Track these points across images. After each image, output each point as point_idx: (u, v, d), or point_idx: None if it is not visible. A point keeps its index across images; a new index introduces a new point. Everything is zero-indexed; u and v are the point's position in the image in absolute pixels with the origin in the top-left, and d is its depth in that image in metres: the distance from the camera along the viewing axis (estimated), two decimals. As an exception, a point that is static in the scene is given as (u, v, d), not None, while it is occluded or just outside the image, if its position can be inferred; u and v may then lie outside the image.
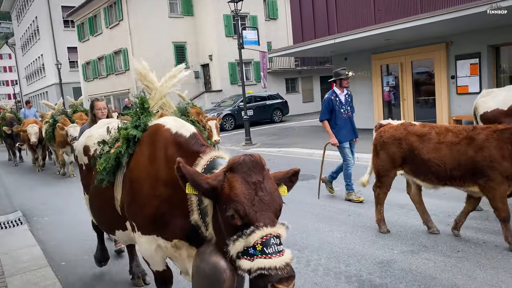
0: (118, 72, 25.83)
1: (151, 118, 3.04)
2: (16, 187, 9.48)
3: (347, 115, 6.54)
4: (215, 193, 2.08)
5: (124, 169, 2.93)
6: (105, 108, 4.71)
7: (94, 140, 3.47)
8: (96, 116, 4.63)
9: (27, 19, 41.61)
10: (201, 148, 2.60)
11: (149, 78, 3.33)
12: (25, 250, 5.08)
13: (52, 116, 10.25)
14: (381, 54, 14.17)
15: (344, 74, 6.49)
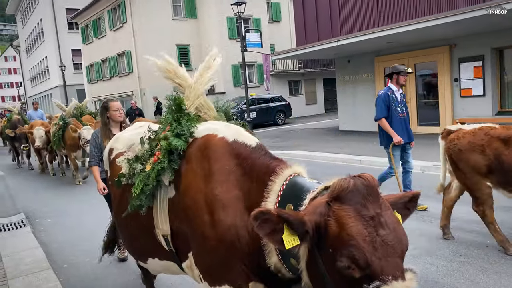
0: (122, 74, 25.92)
1: (195, 124, 2.50)
2: (20, 189, 9.51)
3: (403, 115, 5.89)
4: (315, 233, 1.52)
5: (168, 190, 2.39)
6: (121, 108, 4.39)
7: (120, 143, 3.12)
8: (112, 118, 4.29)
9: (31, 22, 41.85)
10: (273, 162, 2.06)
11: (180, 74, 2.82)
12: (27, 252, 5.09)
13: (62, 118, 9.82)
14: (384, 56, 14.15)
15: (402, 69, 5.84)
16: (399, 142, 5.66)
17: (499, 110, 11.70)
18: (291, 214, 1.53)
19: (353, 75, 15.61)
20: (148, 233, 2.53)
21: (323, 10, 15.47)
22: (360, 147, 11.19)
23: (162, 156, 2.34)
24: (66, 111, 10.11)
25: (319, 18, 15.76)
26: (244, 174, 2.09)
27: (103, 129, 4.31)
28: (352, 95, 15.71)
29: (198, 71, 2.84)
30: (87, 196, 8.22)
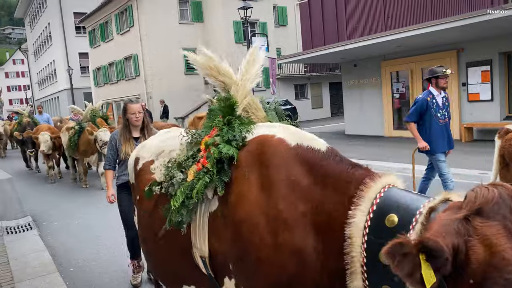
0: (129, 78, 26.04)
1: (248, 128, 2.13)
2: (27, 192, 9.56)
3: (444, 121, 5.53)
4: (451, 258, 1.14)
5: (212, 204, 2.02)
6: (140, 112, 3.99)
7: (147, 151, 2.80)
8: (130, 121, 3.98)
9: (40, 25, 42.23)
10: (357, 170, 1.72)
11: (223, 71, 2.43)
12: (34, 255, 5.10)
13: (78, 122, 9.60)
14: (391, 60, 14.11)
15: (440, 72, 5.48)
16: (424, 148, 5.41)
17: (508, 115, 11.60)
18: (431, 238, 1.14)
19: (359, 79, 15.58)
20: (184, 255, 2.16)
21: (330, 14, 15.46)
22: (367, 152, 11.14)
23: (210, 165, 1.99)
24: (83, 116, 9.84)
25: (325, 22, 15.75)
26: (314, 183, 1.74)
27: (122, 131, 4.01)
28: (359, 99, 15.66)
29: (242, 66, 2.49)
30: (94, 200, 8.25)
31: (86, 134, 8.84)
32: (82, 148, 9.15)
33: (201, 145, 2.18)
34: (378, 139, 13.88)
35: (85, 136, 8.95)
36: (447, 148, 5.58)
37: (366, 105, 15.34)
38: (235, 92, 2.35)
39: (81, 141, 9.14)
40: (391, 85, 14.41)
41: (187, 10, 24.31)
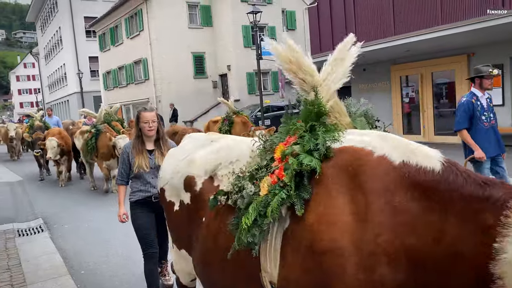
0: (138, 82, 26.23)
1: (335, 136, 1.82)
2: (38, 195, 9.64)
3: (490, 124, 5.12)
4: None
5: (287, 223, 1.76)
6: (154, 121, 3.57)
7: (199, 168, 2.45)
8: (143, 131, 3.59)
9: (51, 29, 42.75)
10: (491, 190, 1.37)
11: (306, 67, 2.09)
12: (45, 258, 5.14)
13: (94, 125, 9.28)
14: (401, 65, 14.06)
15: (486, 72, 5.20)
16: (481, 158, 4.92)
17: (519, 120, 11.49)
18: None
19: (368, 84, 15.53)
20: (251, 280, 1.89)
21: (338, 18, 15.46)
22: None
23: (288, 179, 1.71)
24: (97, 118, 9.43)
25: (334, 26, 15.74)
26: (429, 212, 1.42)
27: (135, 143, 3.63)
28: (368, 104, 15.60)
29: (327, 64, 2.17)
30: (103, 203, 8.30)
31: (104, 137, 8.57)
32: (101, 151, 8.79)
33: (275, 153, 1.91)
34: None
35: (103, 139, 8.63)
36: (495, 152, 5.11)
37: (375, 109, 15.26)
38: (318, 94, 2.03)
39: (99, 144, 8.79)
40: (400, 89, 14.35)
41: (197, 14, 24.46)
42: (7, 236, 6.20)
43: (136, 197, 3.67)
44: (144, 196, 3.64)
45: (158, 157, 3.59)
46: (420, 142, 3.48)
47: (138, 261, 4.92)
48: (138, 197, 3.66)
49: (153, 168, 3.59)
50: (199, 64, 24.62)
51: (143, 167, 3.55)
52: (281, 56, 2.11)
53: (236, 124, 9.40)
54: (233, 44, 23.79)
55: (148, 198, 3.63)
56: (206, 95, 24.43)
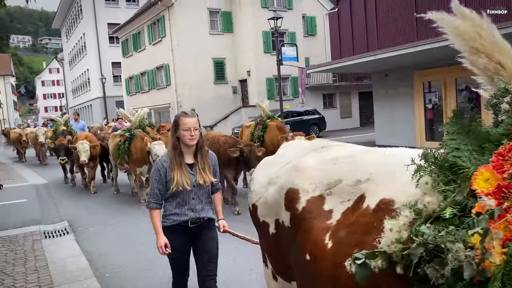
0: (160, 87, 26.61)
1: None
2: (63, 198, 9.84)
3: None
4: None
5: None
6: (196, 128, 2.95)
7: (308, 180, 1.83)
8: (182, 140, 2.95)
9: (75, 36, 43.82)
10: None
11: (501, 47, 1.46)
12: (71, 260, 5.25)
13: (128, 129, 8.87)
14: (424, 71, 13.86)
15: None
16: None
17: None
18: None
19: (390, 89, 15.37)
20: None
21: (359, 23, 15.39)
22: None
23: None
24: (132, 122, 9.01)
25: (355, 31, 15.67)
26: None
27: (172, 155, 2.96)
28: (390, 109, 15.44)
29: None
30: (127, 206, 8.43)
31: (139, 141, 8.27)
32: (134, 156, 8.39)
33: (472, 184, 1.18)
34: (409, 150, 13.62)
35: (138, 143, 8.30)
36: None
37: (397, 115, 15.11)
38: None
39: (133, 149, 8.40)
40: (423, 95, 14.15)
41: (217, 20, 24.71)
42: (34, 238, 6.36)
43: (169, 222, 3.01)
44: (179, 220, 2.99)
45: (198, 174, 2.96)
46: None
47: (162, 264, 4.98)
48: (171, 221, 3.00)
49: (194, 187, 2.96)
50: (219, 70, 24.83)
51: (183, 185, 2.88)
52: (463, 34, 1.51)
53: (270, 129, 8.54)
54: (253, 49, 23.92)
55: (184, 223, 2.99)
56: (226, 101, 24.61)
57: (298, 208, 1.84)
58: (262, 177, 2.23)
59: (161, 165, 2.98)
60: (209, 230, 3.11)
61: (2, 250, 5.80)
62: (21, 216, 7.87)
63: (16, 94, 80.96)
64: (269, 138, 8.38)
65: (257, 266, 4.74)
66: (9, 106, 67.98)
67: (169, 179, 2.92)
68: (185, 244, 3.09)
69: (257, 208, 2.20)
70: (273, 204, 2.04)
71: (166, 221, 3.03)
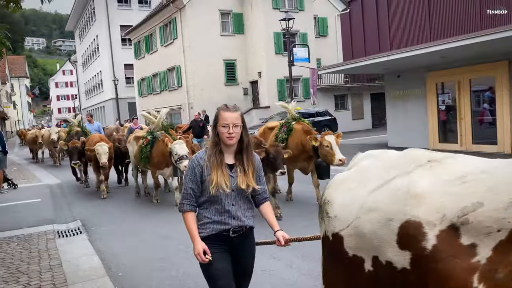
0: (171, 89, 26.76)
1: None
2: (76, 197, 9.95)
3: None
4: None
5: None
6: (236, 125, 2.52)
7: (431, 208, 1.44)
8: (221, 138, 2.56)
9: (88, 38, 44.36)
10: None
11: None
12: (84, 259, 5.29)
13: (150, 132, 8.65)
14: (437, 71, 13.72)
15: None
16: None
17: None
18: None
19: (403, 90, 15.25)
20: None
21: (371, 24, 15.30)
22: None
23: None
24: (155, 124, 8.69)
25: (366, 32, 15.59)
26: None
27: (211, 152, 2.58)
28: (403, 111, 15.31)
29: None
30: (139, 206, 8.49)
31: (161, 144, 8.03)
32: (155, 160, 8.20)
33: None
34: (422, 152, 13.47)
35: (159, 147, 8.09)
36: None
37: (410, 117, 14.97)
38: None
39: (155, 152, 8.20)
40: (436, 96, 14.00)
41: (229, 22, 24.78)
42: (48, 237, 6.43)
43: (207, 231, 2.59)
44: (219, 229, 2.58)
45: (240, 176, 2.57)
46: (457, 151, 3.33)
47: (175, 263, 5.02)
48: (210, 230, 2.59)
49: (234, 191, 2.57)
50: (230, 71, 24.89)
51: (222, 187, 2.49)
52: None
53: (296, 132, 7.67)
54: (264, 51, 23.93)
55: (225, 233, 2.58)
56: (236, 102, 24.56)
57: (426, 247, 1.43)
58: (347, 200, 1.79)
59: (197, 162, 2.60)
60: (249, 240, 2.73)
61: (17, 248, 5.88)
62: (35, 215, 7.97)
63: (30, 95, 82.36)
64: (294, 141, 7.57)
65: (269, 266, 4.74)
66: (24, 107, 69.17)
67: (206, 180, 2.53)
68: (227, 258, 2.62)
69: (344, 239, 1.75)
70: (371, 238, 1.62)
71: (203, 231, 2.59)
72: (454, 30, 11.94)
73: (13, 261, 5.31)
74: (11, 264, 5.19)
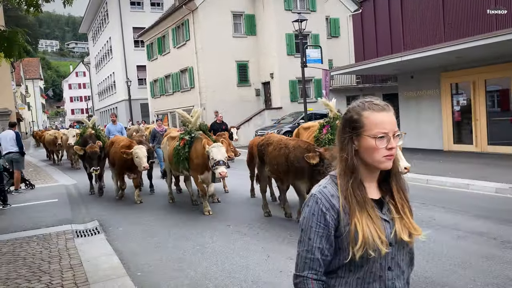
0: (184, 90, 26.92)
1: None
2: (92, 197, 10.07)
3: None
4: None
5: None
6: (397, 134, 1.48)
7: None
8: (368, 157, 1.49)
9: (101, 40, 44.87)
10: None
11: None
12: (104, 259, 5.38)
13: (188, 131, 7.96)
14: (452, 72, 13.60)
15: None
16: None
17: None
18: None
19: (417, 91, 15.14)
20: None
21: (383, 24, 15.25)
22: (426, 166, 10.75)
23: None
24: (191, 123, 8.04)
25: (379, 33, 15.54)
26: None
27: (346, 183, 1.48)
28: (416, 112, 15.21)
29: None
30: (155, 206, 8.57)
31: (199, 146, 7.41)
32: (195, 162, 7.53)
33: None
34: (437, 153, 13.37)
35: (198, 147, 7.46)
36: None
37: (423, 118, 14.86)
38: None
39: (193, 153, 7.56)
40: (451, 97, 13.88)
41: (241, 23, 24.85)
42: (67, 237, 6.55)
43: None
44: None
45: (397, 220, 1.51)
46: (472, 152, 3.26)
47: (192, 263, 5.08)
48: None
49: (393, 246, 1.49)
50: (242, 72, 24.95)
51: (375, 244, 1.42)
52: None
53: None
54: (277, 52, 23.94)
55: None
56: (249, 103, 24.69)
57: None
58: None
59: (328, 204, 1.48)
60: None
61: (37, 248, 6.00)
62: (53, 215, 8.11)
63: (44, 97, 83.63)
64: None
65: (286, 267, 4.77)
66: (38, 109, 70.22)
67: (346, 232, 1.44)
68: None
69: None
70: None
71: None
72: (469, 30, 11.83)
73: (34, 260, 5.42)
74: (32, 263, 5.30)
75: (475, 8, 12.03)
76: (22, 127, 45.11)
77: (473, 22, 11.98)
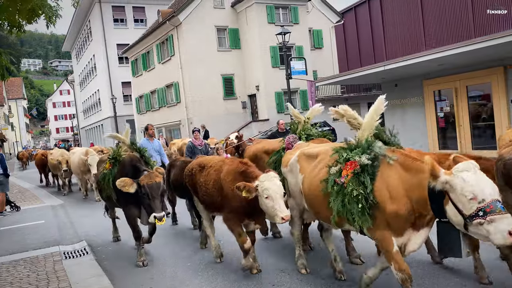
0: (170, 105, 26.89)
1: None
2: (80, 217, 9.91)
3: None
4: None
5: None
6: None
7: None
8: None
9: (85, 57, 44.62)
10: None
11: None
12: (94, 280, 5.28)
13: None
14: (434, 79, 13.85)
15: None
16: None
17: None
18: None
19: (401, 99, 15.36)
20: None
21: (365, 35, 15.51)
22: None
23: None
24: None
25: (361, 43, 15.79)
26: None
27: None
28: (401, 119, 15.41)
29: None
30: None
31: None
32: None
33: None
34: (423, 159, 13.52)
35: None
36: None
37: (408, 125, 15.06)
38: None
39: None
40: (434, 104, 14.11)
41: (225, 37, 25.04)
42: (55, 259, 6.41)
43: None
44: None
45: None
46: None
47: (185, 280, 5.01)
48: None
49: None
50: (228, 86, 25.05)
51: None
52: None
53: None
54: (262, 64, 24.14)
55: None
56: (235, 116, 24.77)
57: None
58: None
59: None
60: None
61: (24, 271, 5.86)
62: (40, 237, 7.94)
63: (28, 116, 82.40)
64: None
65: (288, 267, 4.76)
66: (21, 129, 69.08)
67: None
68: None
69: None
70: None
71: None
72: (449, 38, 12.11)
73: (21, 285, 5.29)
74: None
75: (453, 16, 12.34)
76: (6, 148, 44.41)
77: (452, 29, 12.27)
